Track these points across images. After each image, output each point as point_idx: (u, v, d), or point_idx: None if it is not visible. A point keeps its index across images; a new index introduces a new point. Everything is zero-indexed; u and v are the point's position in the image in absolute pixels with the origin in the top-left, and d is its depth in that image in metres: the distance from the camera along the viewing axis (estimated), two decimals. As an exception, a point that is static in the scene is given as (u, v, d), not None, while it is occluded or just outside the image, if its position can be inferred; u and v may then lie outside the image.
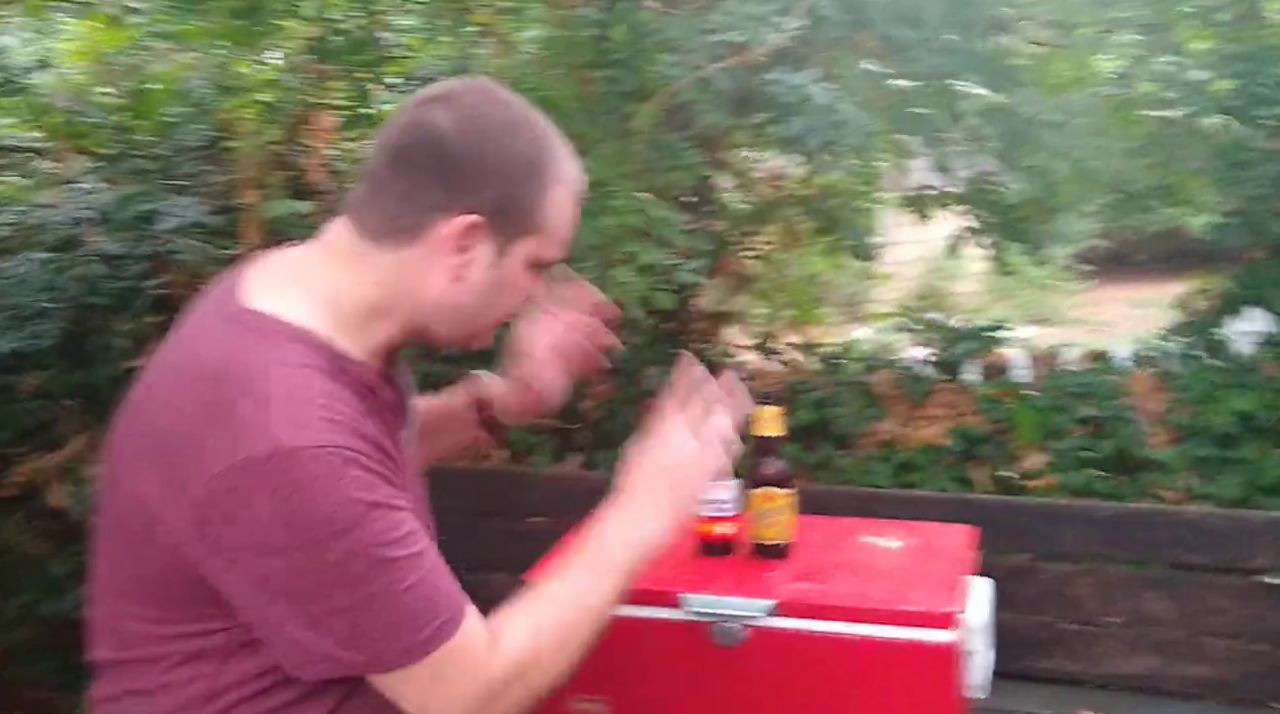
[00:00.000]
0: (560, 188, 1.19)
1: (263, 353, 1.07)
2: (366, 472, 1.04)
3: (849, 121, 2.26)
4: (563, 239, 1.21)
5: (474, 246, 1.15)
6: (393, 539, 1.05)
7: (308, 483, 1.00)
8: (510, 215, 1.15)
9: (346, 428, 1.05)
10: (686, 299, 3.77)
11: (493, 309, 1.21)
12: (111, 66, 2.89)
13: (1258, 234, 3.16)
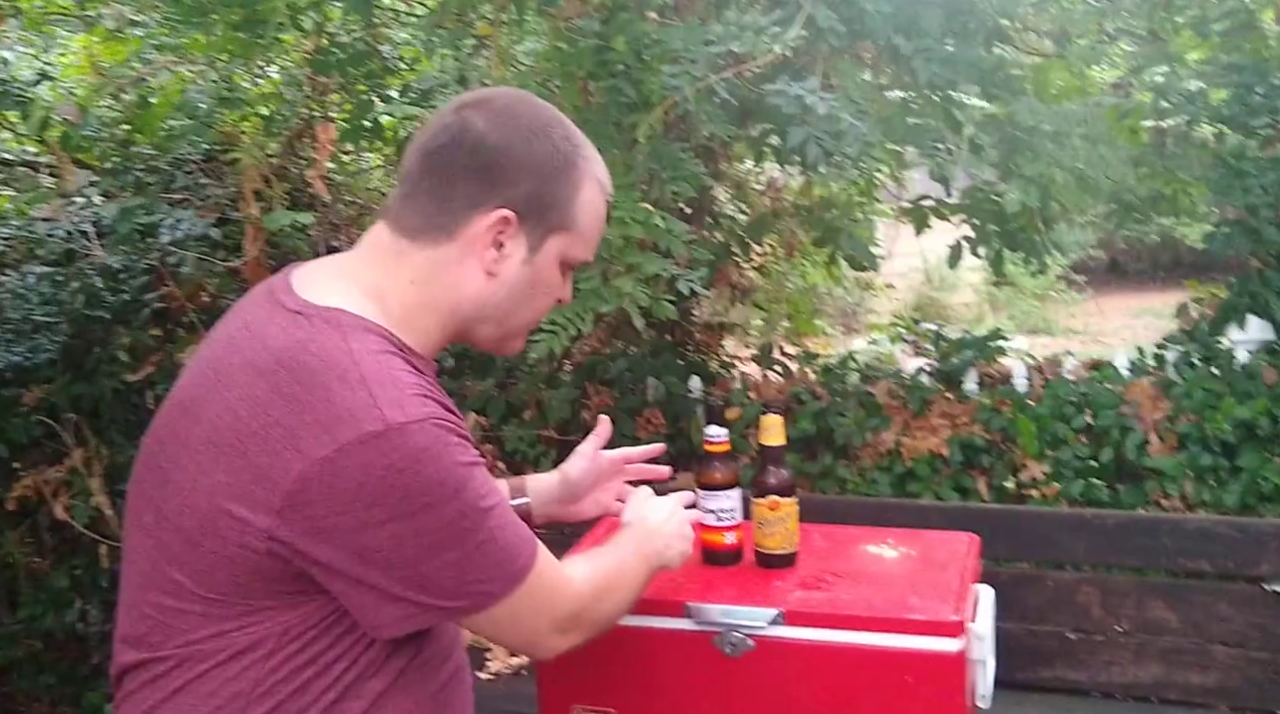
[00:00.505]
0: (592, 187, 1.24)
1: (341, 341, 1.11)
2: (459, 436, 1.13)
3: (848, 132, 2.26)
4: (592, 239, 1.25)
5: (508, 242, 1.20)
6: (486, 491, 1.14)
7: (418, 454, 1.07)
8: (544, 211, 1.20)
9: (435, 402, 1.12)
10: (687, 310, 3.78)
11: (526, 308, 1.25)
12: (112, 80, 2.89)
13: (1255, 243, 3.17)
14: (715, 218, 3.87)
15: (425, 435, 1.08)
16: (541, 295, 1.26)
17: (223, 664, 1.12)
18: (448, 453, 1.09)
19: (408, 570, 1.10)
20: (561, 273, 1.26)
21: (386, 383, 1.09)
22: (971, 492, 3.02)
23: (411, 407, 1.08)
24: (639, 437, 3.32)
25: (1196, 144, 3.59)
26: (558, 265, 1.25)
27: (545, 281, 1.25)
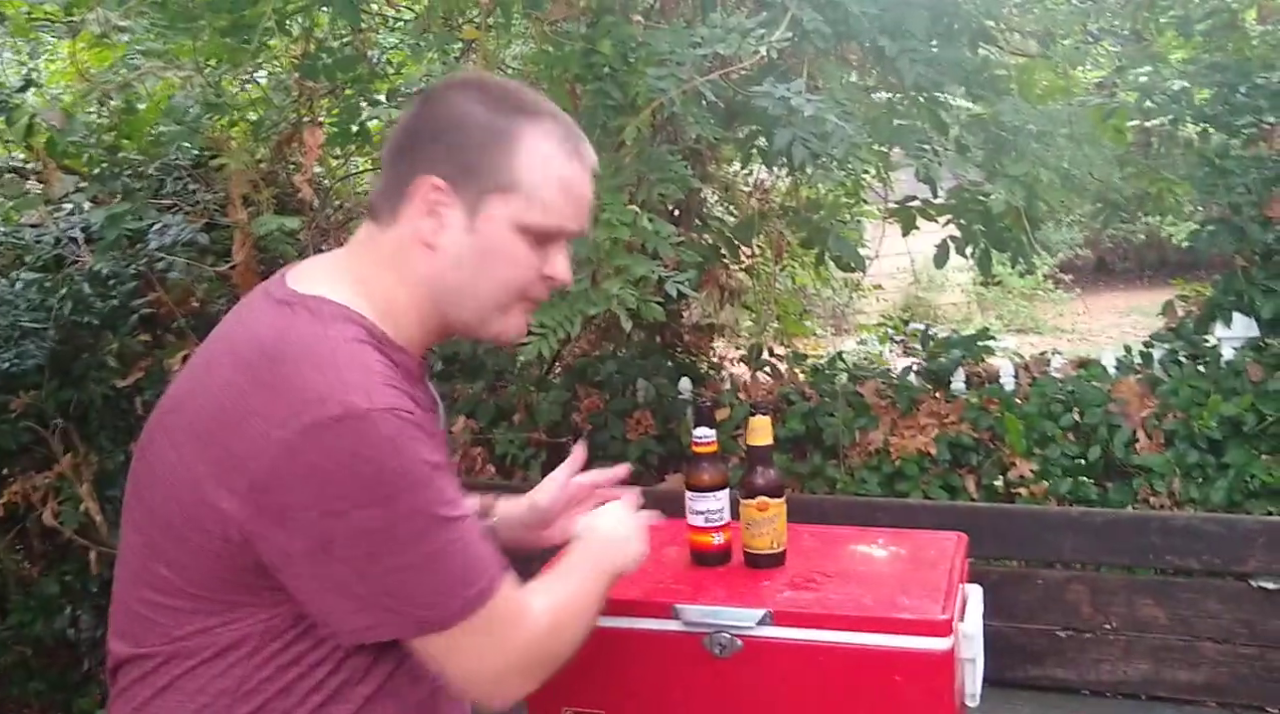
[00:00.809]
0: (536, 146, 1.17)
1: (318, 327, 1.12)
2: (425, 434, 1.09)
3: (834, 133, 2.27)
4: (556, 202, 1.18)
5: (445, 210, 1.17)
6: (448, 499, 1.10)
7: (379, 442, 1.04)
8: (470, 172, 1.17)
9: (402, 392, 1.09)
10: (676, 312, 3.79)
11: (486, 281, 1.19)
12: (97, 85, 2.89)
13: (1239, 241, 3.19)
14: (704, 220, 3.88)
15: (389, 424, 1.05)
16: (502, 265, 1.19)
17: (208, 661, 1.12)
18: (411, 447, 1.06)
19: (363, 568, 1.07)
20: (531, 243, 1.19)
21: (356, 368, 1.08)
22: (960, 490, 3.03)
23: (379, 395, 1.06)
24: (629, 438, 3.32)
25: (1181, 143, 3.62)
26: (515, 232, 1.18)
27: (500, 250, 1.18)
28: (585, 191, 1.22)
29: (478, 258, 1.18)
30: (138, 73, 3.01)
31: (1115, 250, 12.60)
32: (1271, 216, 3.18)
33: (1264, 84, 3.24)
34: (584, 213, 1.22)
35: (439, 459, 1.10)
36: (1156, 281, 10.68)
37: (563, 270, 1.23)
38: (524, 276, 1.20)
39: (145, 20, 2.80)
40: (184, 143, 3.34)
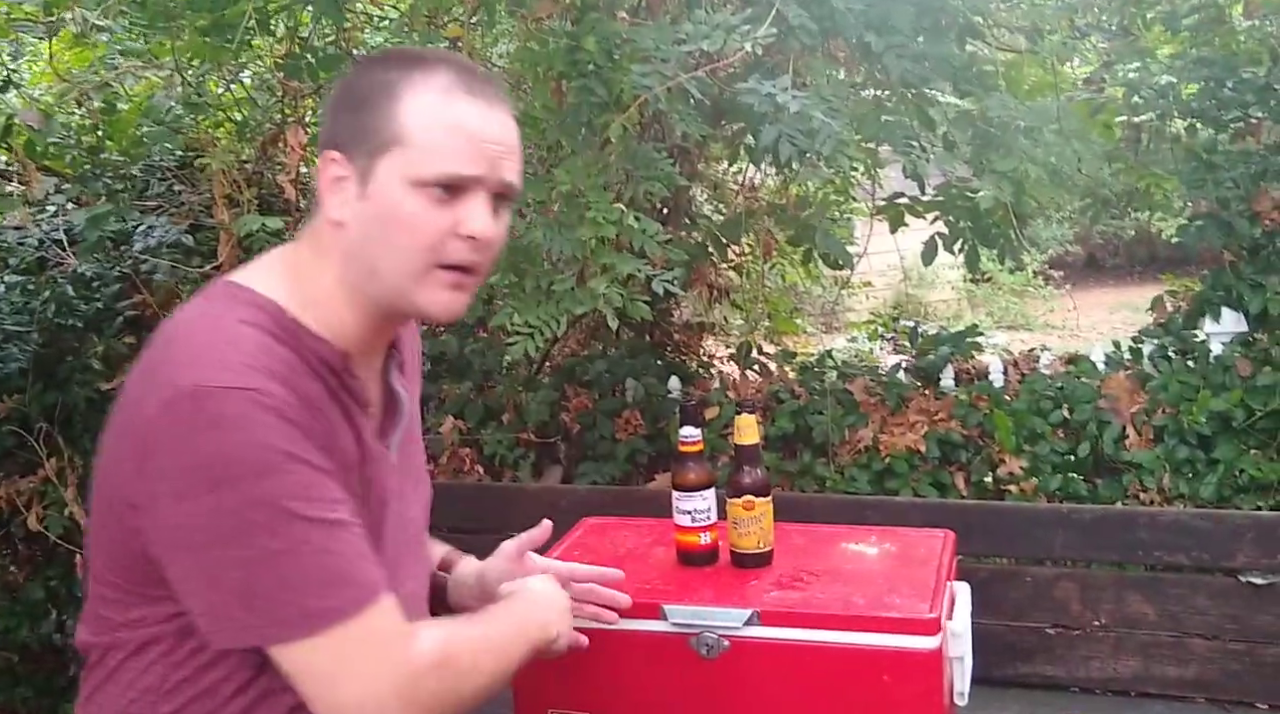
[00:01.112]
0: (419, 96, 1.10)
1: (212, 311, 1.09)
2: (287, 422, 1.01)
3: (820, 130, 2.26)
4: (439, 148, 1.09)
5: (341, 183, 1.12)
6: (305, 496, 1.01)
7: (218, 421, 0.99)
8: (358, 137, 1.11)
9: (274, 377, 1.02)
10: (666, 311, 3.78)
11: (392, 249, 1.10)
12: (76, 85, 2.86)
13: (1227, 236, 3.19)
14: (692, 218, 3.87)
15: (235, 404, 0.99)
16: (402, 228, 1.10)
17: (134, 655, 1.11)
18: (259, 430, 0.99)
19: (206, 560, 1.01)
20: (432, 199, 1.10)
21: (224, 347, 1.03)
22: (950, 488, 3.03)
23: (230, 373, 1.00)
24: (618, 438, 3.31)
25: (1169, 138, 3.62)
26: (408, 189, 1.09)
27: (396, 212, 1.09)
28: (484, 132, 1.11)
29: (378, 225, 1.11)
30: (116, 72, 2.99)
31: (1105, 246, 12.65)
32: (1259, 211, 3.18)
33: (1251, 79, 3.24)
34: (485, 155, 1.11)
35: (298, 449, 1.01)
36: (1146, 277, 10.72)
37: (478, 225, 1.11)
38: (429, 237, 1.10)
39: (125, 20, 2.78)
40: (167, 143, 3.32)
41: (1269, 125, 3.37)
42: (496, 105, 1.13)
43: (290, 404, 1.02)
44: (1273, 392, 2.88)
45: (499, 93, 1.15)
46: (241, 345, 1.04)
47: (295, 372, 1.06)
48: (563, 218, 2.41)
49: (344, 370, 1.14)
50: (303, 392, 1.05)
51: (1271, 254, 3.19)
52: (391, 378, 1.24)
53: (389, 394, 1.23)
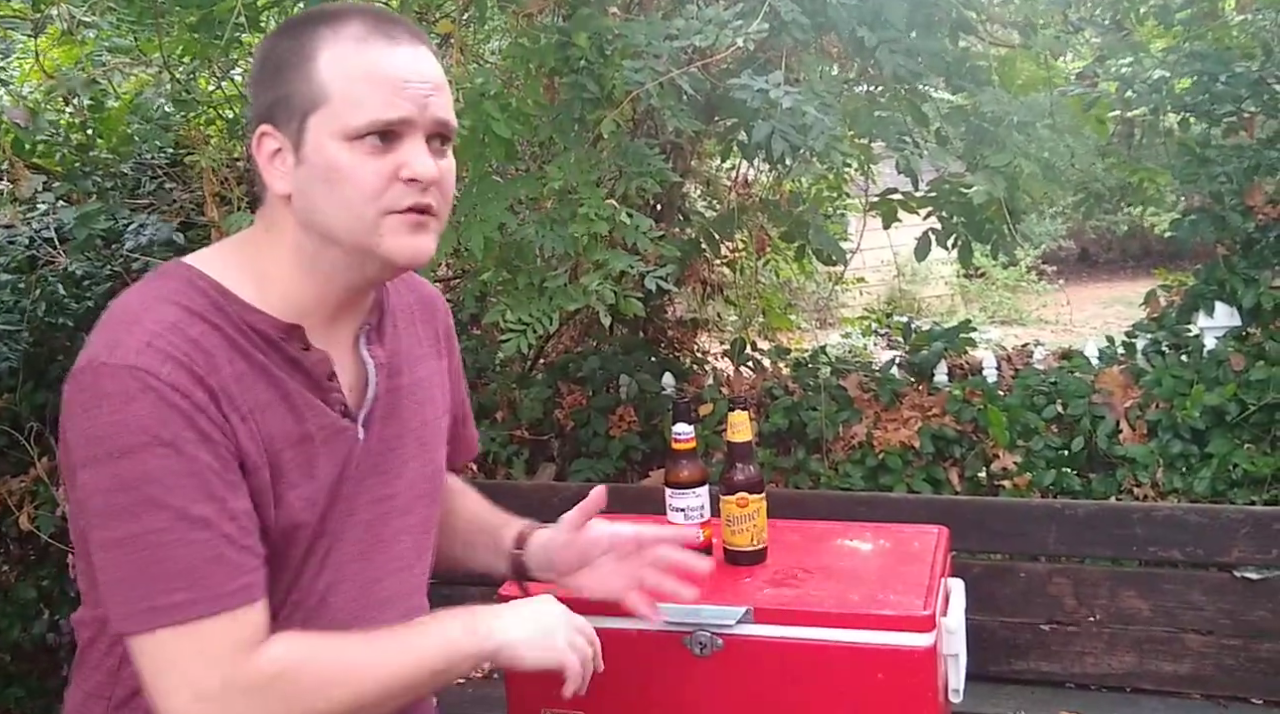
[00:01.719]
0: (332, 49, 1.07)
1: (142, 288, 1.08)
2: (168, 406, 0.99)
3: (814, 125, 2.25)
4: (362, 96, 1.06)
5: (279, 157, 1.10)
6: (172, 484, 0.99)
7: (102, 398, 0.98)
8: (283, 106, 1.09)
9: (174, 361, 1.00)
10: (660, 307, 3.77)
11: (340, 207, 1.08)
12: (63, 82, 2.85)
13: (1220, 229, 3.19)
14: (685, 214, 3.86)
15: (115, 381, 0.98)
16: (345, 185, 1.07)
17: (94, 640, 1.13)
18: (130, 409, 0.97)
19: (86, 538, 1.01)
20: (368, 150, 1.07)
21: (129, 323, 1.02)
22: (944, 483, 3.02)
23: (123, 351, 0.99)
24: (612, 435, 3.30)
25: (1162, 133, 3.62)
26: (341, 145, 1.06)
27: (335, 169, 1.06)
28: (406, 73, 1.08)
29: (321, 187, 1.08)
30: (105, 69, 2.97)
31: (1099, 241, 12.66)
32: (1252, 205, 3.18)
33: (1244, 73, 3.23)
34: (410, 96, 1.08)
35: (175, 435, 0.99)
36: (1140, 272, 10.73)
37: (418, 166, 1.08)
38: (372, 186, 1.07)
39: (112, 16, 2.76)
40: (156, 141, 3.30)
41: (1262, 120, 3.37)
42: (414, 44, 1.10)
43: (179, 386, 1.00)
44: (1266, 386, 2.88)
45: (415, 31, 1.12)
46: (146, 323, 1.02)
47: (211, 350, 1.04)
48: (555, 214, 2.40)
49: (287, 343, 1.10)
50: (217, 371, 1.03)
51: (1264, 248, 3.19)
52: (361, 348, 1.19)
53: (363, 367, 1.19)
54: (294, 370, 1.11)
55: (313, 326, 1.13)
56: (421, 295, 1.35)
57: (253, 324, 1.09)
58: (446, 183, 1.13)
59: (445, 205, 1.13)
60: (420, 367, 1.28)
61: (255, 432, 1.06)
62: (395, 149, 1.08)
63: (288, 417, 1.09)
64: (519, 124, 2.39)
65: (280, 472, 1.08)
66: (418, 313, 1.31)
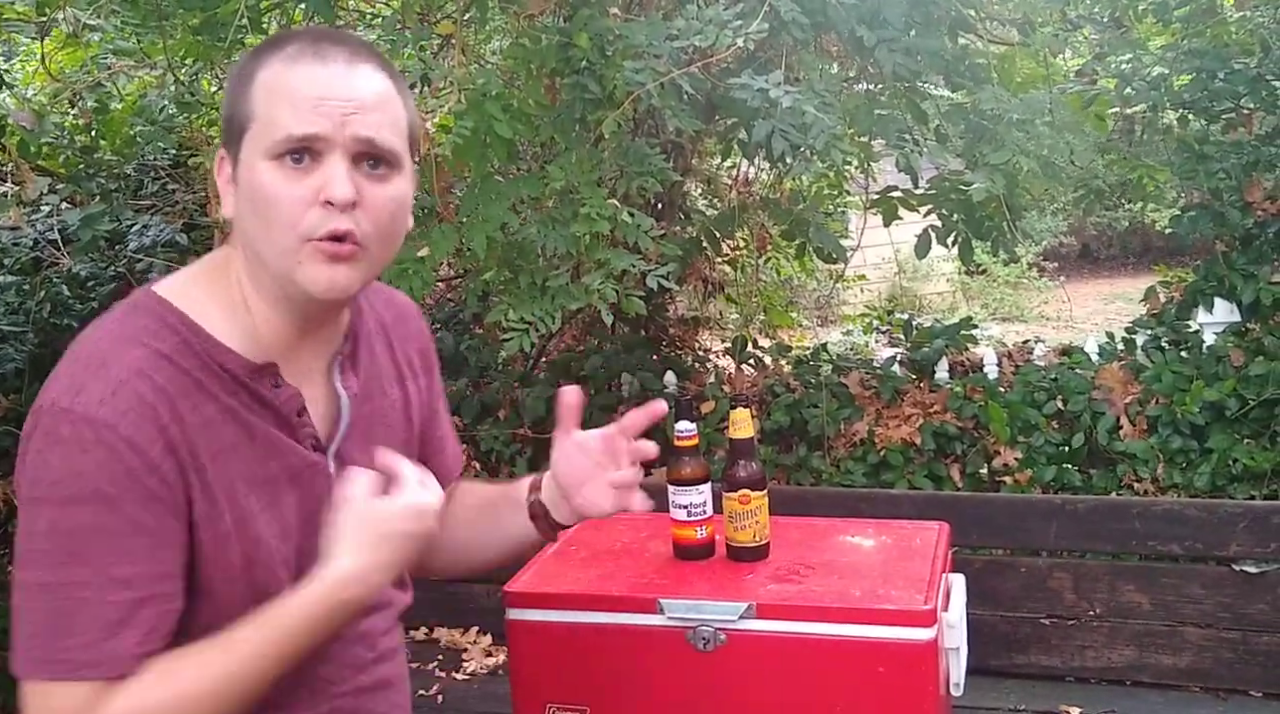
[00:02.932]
0: (267, 69, 1.05)
1: (109, 325, 1.06)
2: (120, 464, 0.99)
3: (814, 124, 2.27)
4: (279, 115, 1.03)
5: (230, 182, 1.09)
6: (102, 542, 0.99)
7: (55, 443, 0.98)
8: (228, 129, 1.07)
9: (134, 413, 1.00)
10: (661, 306, 3.79)
11: (262, 230, 1.05)
12: (68, 85, 2.86)
13: (1219, 225, 3.20)
14: (686, 213, 3.87)
15: (76, 430, 0.98)
16: (266, 206, 1.04)
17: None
18: (80, 460, 0.97)
19: (15, 572, 1.01)
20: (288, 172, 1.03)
21: (98, 367, 1.01)
22: (945, 480, 3.04)
23: (92, 401, 0.98)
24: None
25: (1161, 130, 3.63)
26: (261, 162, 1.04)
27: (255, 188, 1.04)
28: (319, 88, 1.03)
29: (248, 207, 1.05)
30: (109, 72, 2.98)
31: (1099, 238, 12.66)
32: (1251, 201, 3.19)
33: (1242, 70, 3.25)
34: (325, 113, 1.03)
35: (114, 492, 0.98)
36: (1141, 268, 10.73)
37: (335, 189, 1.02)
38: (288, 209, 1.03)
39: (117, 19, 2.77)
40: (160, 143, 3.32)
41: (1260, 116, 3.38)
42: (349, 63, 1.06)
43: (135, 443, 0.99)
44: (1265, 381, 2.90)
45: (359, 51, 1.07)
46: (112, 368, 1.01)
47: (177, 396, 1.03)
48: (557, 214, 2.42)
49: (257, 382, 1.09)
50: (180, 419, 1.03)
51: (1263, 244, 3.21)
52: (334, 379, 1.17)
53: (337, 397, 1.17)
54: (263, 409, 1.09)
55: (283, 358, 1.11)
56: (400, 312, 1.31)
57: (223, 364, 1.07)
58: (378, 209, 1.06)
59: (378, 235, 1.07)
60: (393, 388, 1.26)
61: (218, 477, 1.05)
62: (315, 171, 1.04)
63: (254, 457, 1.08)
64: (521, 124, 2.41)
65: (249, 513, 1.08)
66: (393, 332, 1.28)
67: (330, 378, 1.17)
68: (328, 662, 1.16)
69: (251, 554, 1.08)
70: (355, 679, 1.19)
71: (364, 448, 1.19)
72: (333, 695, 1.17)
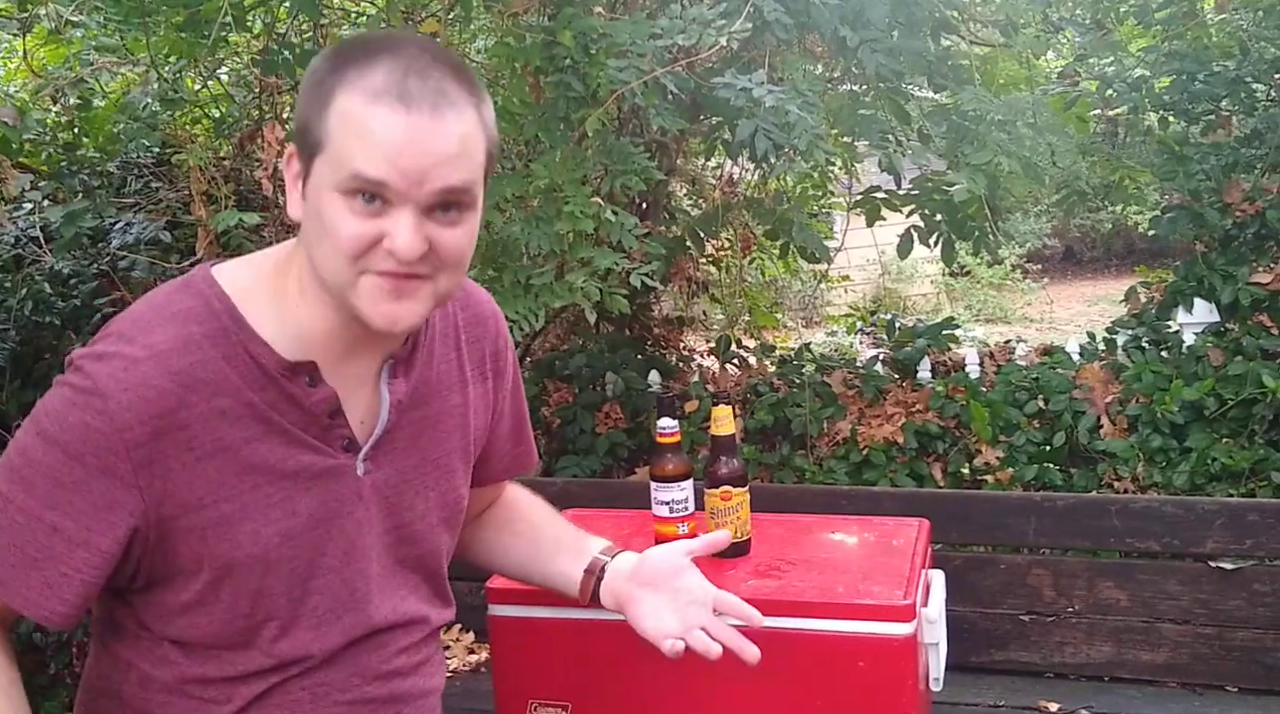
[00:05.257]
0: (347, 97, 1.02)
1: (159, 297, 1.10)
2: (98, 435, 1.03)
3: (797, 124, 2.28)
4: (350, 154, 1.01)
5: (296, 183, 1.08)
6: (51, 487, 1.04)
7: (64, 386, 1.05)
8: (303, 136, 1.06)
9: (135, 394, 1.03)
10: (646, 305, 3.79)
11: (322, 254, 1.05)
12: (50, 81, 2.85)
13: (1199, 226, 3.23)
14: (671, 213, 3.88)
15: (81, 387, 1.03)
16: (327, 234, 1.03)
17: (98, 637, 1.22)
18: (74, 418, 1.03)
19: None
20: (356, 208, 1.02)
21: (131, 338, 1.06)
22: (927, 478, 3.06)
23: (107, 369, 1.03)
24: (598, 432, 3.32)
25: (1143, 131, 3.66)
26: (330, 194, 1.02)
27: (322, 215, 1.03)
28: (405, 142, 1.00)
29: (313, 228, 1.05)
30: (92, 69, 2.98)
31: (1083, 240, 12.73)
32: (1230, 202, 3.22)
33: (1222, 72, 3.28)
34: (401, 165, 1.00)
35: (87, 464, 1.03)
36: (1124, 270, 10.80)
37: (399, 242, 1.01)
38: (351, 246, 1.02)
39: (99, 15, 2.77)
40: (143, 140, 3.31)
41: (1239, 118, 3.41)
42: (433, 109, 1.01)
43: (121, 423, 1.03)
44: (1244, 381, 2.92)
45: (445, 91, 1.03)
46: (135, 345, 1.05)
47: (192, 384, 1.05)
48: (540, 212, 2.42)
49: (289, 380, 1.09)
50: (187, 407, 1.05)
51: (1242, 245, 3.24)
52: (382, 383, 1.16)
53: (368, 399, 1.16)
54: (290, 407, 1.10)
55: (327, 359, 1.11)
56: (476, 313, 1.29)
57: (255, 357, 1.08)
58: (448, 252, 1.05)
59: (446, 269, 1.06)
60: (454, 393, 1.24)
61: (211, 471, 1.06)
62: (383, 215, 1.02)
63: (270, 453, 1.09)
64: (505, 123, 2.41)
65: (245, 508, 1.08)
66: (466, 333, 1.26)
67: (379, 381, 1.16)
68: (333, 668, 1.17)
69: (232, 552, 1.08)
70: (361, 688, 1.19)
71: (406, 453, 1.20)
72: (335, 702, 1.17)
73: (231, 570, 1.09)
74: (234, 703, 1.13)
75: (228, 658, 1.12)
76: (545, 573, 1.45)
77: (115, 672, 1.15)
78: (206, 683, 1.12)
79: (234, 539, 1.08)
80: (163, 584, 1.10)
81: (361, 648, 1.18)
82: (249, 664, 1.13)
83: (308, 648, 1.14)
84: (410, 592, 1.24)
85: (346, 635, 1.17)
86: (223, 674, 1.12)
